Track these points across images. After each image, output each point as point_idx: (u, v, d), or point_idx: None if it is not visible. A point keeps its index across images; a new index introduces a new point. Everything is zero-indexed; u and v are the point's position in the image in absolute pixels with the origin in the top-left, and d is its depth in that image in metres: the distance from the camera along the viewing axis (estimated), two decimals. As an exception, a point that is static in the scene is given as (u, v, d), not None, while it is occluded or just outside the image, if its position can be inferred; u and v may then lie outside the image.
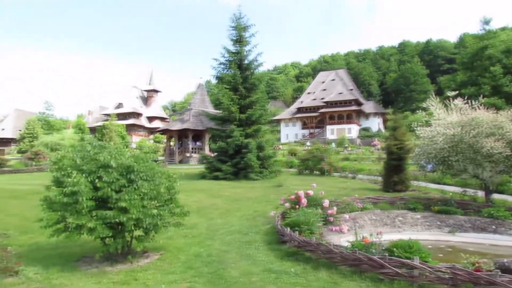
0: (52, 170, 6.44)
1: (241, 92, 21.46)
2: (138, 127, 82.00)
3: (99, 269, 6.38)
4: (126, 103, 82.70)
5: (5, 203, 13.97)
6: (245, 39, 22.14)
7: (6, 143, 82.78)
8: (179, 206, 7.17)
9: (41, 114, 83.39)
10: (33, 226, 9.92)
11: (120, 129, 63.16)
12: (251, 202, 13.20)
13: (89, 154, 6.44)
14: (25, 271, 5.98)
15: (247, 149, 19.74)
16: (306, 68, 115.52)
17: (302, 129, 72.48)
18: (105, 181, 5.98)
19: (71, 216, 5.87)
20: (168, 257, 7.10)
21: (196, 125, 32.99)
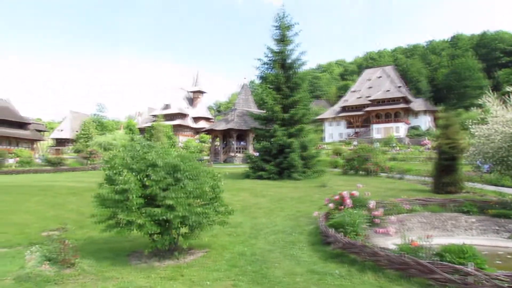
0: (105, 169, 6.80)
1: (284, 92, 21.40)
2: (184, 127, 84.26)
3: (147, 264, 6.63)
4: (173, 104, 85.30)
5: (63, 199, 14.92)
6: (288, 38, 22.05)
7: (64, 143, 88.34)
8: (224, 205, 7.30)
9: (95, 116, 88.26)
10: (88, 221, 10.51)
11: (167, 130, 65.32)
12: (294, 202, 13.13)
13: (139, 153, 6.73)
14: (80, 263, 6.34)
15: (290, 148, 19.65)
16: (351, 65, 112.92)
17: (347, 128, 70.98)
18: (153, 179, 6.23)
19: (122, 212, 6.17)
20: (213, 254, 7.24)
21: (240, 125, 33.37)
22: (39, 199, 15.48)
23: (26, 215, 11.93)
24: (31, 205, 13.91)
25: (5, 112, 69.12)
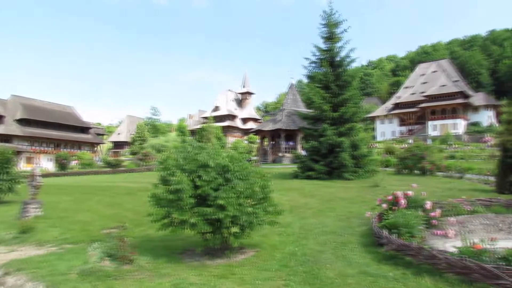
0: (159, 170, 7.09)
1: (333, 90, 21.03)
2: (233, 128, 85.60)
3: (200, 262, 6.81)
4: (222, 106, 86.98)
5: (121, 199, 15.75)
6: (337, 35, 21.64)
7: (121, 146, 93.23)
8: (273, 205, 7.31)
9: (149, 119, 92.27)
10: (144, 220, 11.03)
11: (217, 131, 66.73)
12: (345, 202, 12.85)
13: (190, 154, 6.94)
14: (138, 260, 6.65)
15: (340, 148, 19.27)
16: (403, 61, 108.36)
17: (400, 126, 68.24)
18: (204, 180, 6.39)
19: (176, 212, 6.39)
20: (263, 254, 7.27)
21: (288, 125, 33.30)
22: (99, 198, 16.48)
23: (88, 214, 12.73)
24: (92, 204, 14.83)
25: (69, 117, 74.43)
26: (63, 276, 6.05)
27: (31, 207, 11.69)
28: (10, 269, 6.58)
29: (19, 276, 6.23)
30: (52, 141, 69.26)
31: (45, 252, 7.83)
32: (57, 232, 9.74)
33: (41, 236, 9.26)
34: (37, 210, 11.78)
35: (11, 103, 66.60)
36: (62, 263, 6.83)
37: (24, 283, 5.97)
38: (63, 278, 5.91)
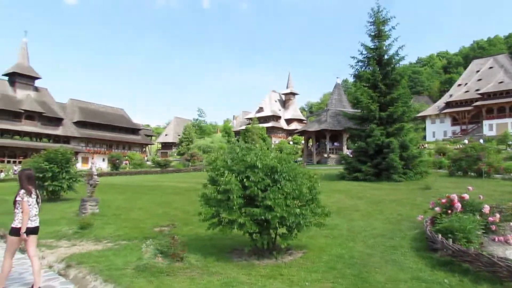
0: (208, 170, 7.28)
1: (381, 89, 20.44)
2: (277, 129, 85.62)
3: (248, 262, 6.90)
4: (267, 107, 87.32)
5: (170, 198, 16.31)
6: (385, 33, 21.01)
7: (169, 147, 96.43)
8: (321, 207, 7.26)
9: (195, 121, 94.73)
10: (192, 219, 11.35)
11: (261, 132, 67.10)
12: (394, 205, 12.45)
13: (238, 155, 7.05)
14: (188, 257, 6.86)
15: (388, 148, 18.68)
16: (455, 57, 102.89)
17: (452, 126, 64.90)
18: (252, 180, 6.47)
19: (224, 212, 6.53)
20: (311, 256, 7.23)
21: (333, 125, 32.81)
22: (149, 197, 17.16)
23: (140, 212, 13.31)
24: (143, 203, 15.48)
25: (121, 120, 78.14)
26: (120, 271, 6.37)
27: (89, 204, 12.42)
28: (72, 262, 7.04)
29: (80, 269, 6.65)
30: (105, 142, 73.08)
31: (103, 248, 8.27)
32: (112, 229, 10.26)
33: (98, 232, 9.80)
34: (94, 208, 12.49)
35: (70, 107, 71.08)
36: (118, 258, 7.19)
37: (85, 276, 6.36)
38: (120, 273, 6.22)
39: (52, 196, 16.57)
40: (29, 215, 5.86)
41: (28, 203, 5.90)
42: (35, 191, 6.12)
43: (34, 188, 6.14)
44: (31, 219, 5.93)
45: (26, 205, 5.84)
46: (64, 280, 6.47)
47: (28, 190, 5.97)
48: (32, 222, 5.96)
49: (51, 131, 62.98)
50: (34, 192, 6.09)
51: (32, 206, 5.96)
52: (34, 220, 5.99)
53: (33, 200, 6.00)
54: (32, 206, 5.98)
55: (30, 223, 5.92)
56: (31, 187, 6.04)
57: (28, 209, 5.83)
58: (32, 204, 5.98)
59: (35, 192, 6.12)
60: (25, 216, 5.82)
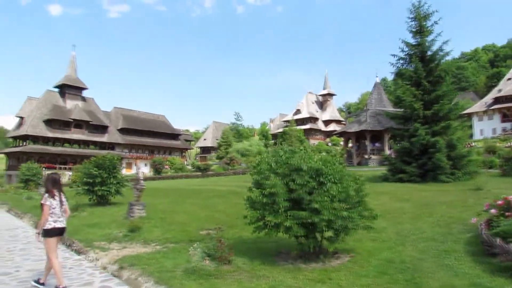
0: (252, 174, 7.31)
1: (425, 87, 19.70)
2: (315, 131, 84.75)
3: (294, 266, 6.85)
4: (304, 109, 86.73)
5: (213, 201, 16.55)
6: (427, 28, 20.27)
7: (208, 151, 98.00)
8: (368, 209, 7.09)
9: (232, 124, 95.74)
10: (236, 222, 11.45)
11: (299, 134, 66.68)
12: (443, 207, 11.91)
13: (282, 158, 7.04)
14: (235, 260, 6.92)
15: (434, 148, 17.96)
16: (503, 50, 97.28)
17: (502, 123, 61.34)
18: (298, 183, 6.43)
19: (270, 215, 6.53)
20: (359, 260, 7.06)
21: (374, 125, 32.02)
22: (192, 201, 17.51)
23: (184, 215, 13.60)
24: (187, 206, 15.82)
25: (162, 125, 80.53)
26: (170, 273, 6.53)
27: (136, 208, 12.86)
28: (124, 264, 7.31)
29: (132, 271, 6.89)
30: (147, 147, 75.55)
31: (152, 250, 8.53)
32: (159, 232, 10.56)
33: (146, 235, 10.12)
34: (141, 211, 12.92)
35: (114, 114, 74.22)
36: (167, 261, 7.37)
37: (137, 277, 6.57)
38: (170, 275, 6.38)
39: (101, 200, 17.32)
40: (55, 217, 6.27)
41: (52, 206, 6.26)
42: (59, 194, 6.43)
43: (59, 191, 6.46)
44: (58, 220, 6.31)
45: (47, 208, 6.20)
46: (118, 281, 6.73)
47: (51, 193, 6.32)
48: (59, 224, 6.33)
49: (98, 138, 66.05)
50: (58, 195, 6.41)
51: (56, 208, 6.31)
52: (59, 221, 6.35)
53: (57, 203, 6.33)
54: (56, 208, 6.32)
55: (59, 224, 6.33)
56: (54, 190, 6.37)
57: (47, 212, 6.19)
58: (57, 207, 6.33)
59: (59, 194, 6.42)
60: (43, 218, 6.20)
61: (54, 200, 6.32)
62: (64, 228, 6.51)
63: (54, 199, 6.33)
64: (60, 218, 6.37)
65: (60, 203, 6.41)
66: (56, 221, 6.30)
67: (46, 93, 64.31)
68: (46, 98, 63.36)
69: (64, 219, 6.47)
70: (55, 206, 6.31)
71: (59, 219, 6.33)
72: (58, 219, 6.32)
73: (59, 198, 6.40)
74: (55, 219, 6.28)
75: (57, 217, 6.31)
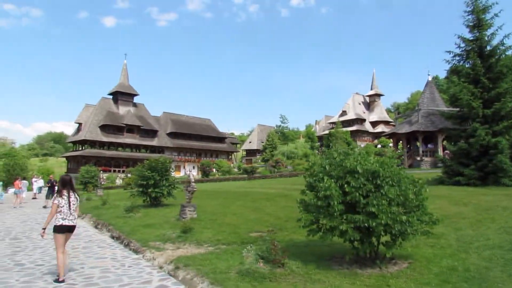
0: (306, 176, 7.23)
1: (484, 84, 18.49)
2: (362, 132, 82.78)
3: (349, 270, 6.67)
4: (350, 110, 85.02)
5: (261, 204, 16.59)
6: (486, 22, 19.00)
7: (253, 154, 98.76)
8: (428, 214, 6.76)
9: (278, 127, 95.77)
10: (286, 225, 11.39)
11: (346, 136, 65.38)
12: (508, 212, 11.08)
13: (336, 160, 6.90)
14: (288, 264, 6.86)
15: (496, 149, 16.79)
16: None
17: None
18: (353, 186, 6.26)
19: (324, 218, 6.41)
20: (418, 266, 6.74)
21: (426, 126, 30.63)
22: (241, 203, 17.66)
23: (234, 217, 13.74)
24: (236, 208, 15.97)
25: (208, 129, 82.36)
26: (224, 274, 6.61)
27: (188, 209, 13.19)
28: (179, 264, 7.50)
29: (187, 271, 7.05)
30: (195, 150, 77.60)
31: (205, 251, 8.68)
32: (211, 233, 10.74)
33: (198, 236, 10.33)
34: (192, 213, 13.23)
35: (163, 119, 77.04)
36: (221, 262, 7.47)
37: (193, 278, 6.72)
38: (224, 277, 6.45)
39: (154, 202, 17.96)
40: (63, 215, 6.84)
41: (60, 204, 6.85)
42: (68, 194, 6.99)
43: (68, 191, 7.02)
44: (66, 218, 6.87)
45: (54, 206, 6.83)
46: (175, 280, 6.91)
47: (60, 192, 6.93)
48: (67, 221, 6.88)
49: (148, 142, 68.93)
50: (67, 195, 6.96)
51: (64, 207, 6.86)
52: (68, 219, 6.89)
53: (65, 202, 6.89)
54: (64, 207, 6.87)
55: (68, 222, 6.87)
56: (64, 190, 6.95)
57: (54, 210, 6.82)
58: (65, 205, 6.88)
59: (68, 194, 6.98)
60: (49, 215, 6.86)
61: (62, 199, 6.89)
62: (72, 226, 7.01)
63: (62, 198, 6.90)
64: (69, 216, 6.92)
65: (69, 202, 6.94)
66: (65, 219, 6.85)
67: (101, 100, 68.28)
68: (101, 105, 67.22)
69: (73, 218, 7.00)
70: (63, 204, 6.87)
71: (68, 217, 6.88)
72: (67, 217, 6.87)
73: (67, 198, 6.95)
74: (63, 217, 6.84)
75: (65, 215, 6.86)
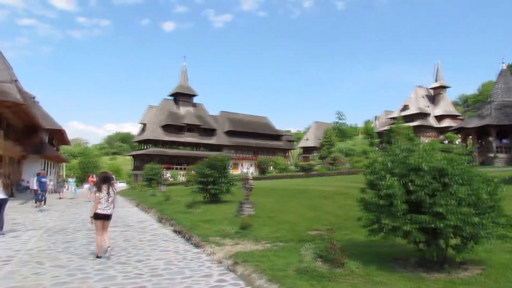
0: (366, 174, 6.96)
1: None
2: (426, 127, 78.57)
3: (414, 274, 6.31)
4: (412, 104, 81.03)
5: (319, 202, 16.35)
6: None
7: (310, 151, 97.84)
8: (504, 216, 6.18)
9: (335, 124, 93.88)
10: (345, 224, 11.11)
11: (408, 132, 62.40)
12: None
13: (398, 157, 6.56)
14: (348, 264, 6.65)
15: None
16: None
17: None
18: (417, 184, 5.90)
19: (387, 218, 6.11)
20: (493, 273, 6.19)
21: (500, 119, 28.24)
22: (298, 201, 17.54)
23: (291, 215, 13.69)
24: (294, 206, 15.89)
25: (265, 127, 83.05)
26: (282, 272, 6.57)
27: (245, 206, 13.36)
28: (238, 260, 7.60)
29: (246, 267, 7.12)
30: (251, 148, 78.66)
31: (262, 248, 8.71)
32: (268, 230, 10.78)
33: (256, 233, 10.40)
34: (250, 210, 13.38)
35: (220, 118, 79.08)
36: (278, 259, 7.45)
37: (251, 274, 6.76)
38: (283, 274, 6.42)
39: (214, 198, 18.46)
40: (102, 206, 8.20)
41: (100, 197, 8.23)
42: (106, 189, 8.33)
43: (107, 186, 8.38)
44: (103, 208, 8.22)
45: (97, 198, 8.26)
46: (234, 275, 7.01)
47: (98, 187, 8.41)
48: (103, 210, 8.24)
49: (207, 141, 71.16)
50: (106, 189, 8.32)
51: (102, 199, 8.23)
52: (104, 209, 8.25)
53: (104, 195, 8.26)
54: (103, 200, 8.23)
55: (102, 211, 8.22)
56: (103, 186, 8.35)
57: (97, 201, 8.22)
58: (103, 198, 8.25)
59: (106, 189, 8.33)
60: (93, 206, 8.28)
61: (101, 193, 8.27)
62: (108, 215, 8.37)
63: (101, 192, 8.28)
64: (107, 207, 8.30)
65: (108, 195, 8.31)
66: (103, 209, 8.22)
67: (163, 101, 71.81)
68: (162, 105, 70.70)
69: (110, 209, 8.39)
70: (102, 197, 8.25)
71: (105, 208, 8.26)
72: (105, 208, 8.25)
73: (106, 192, 8.31)
74: (101, 207, 8.21)
75: (103, 206, 8.23)
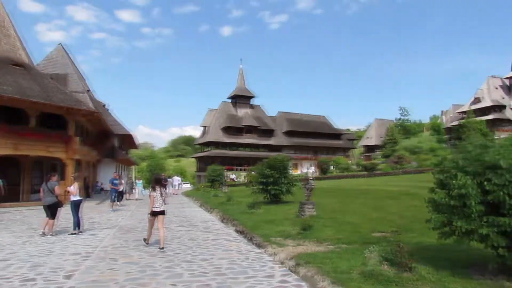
0: (435, 172, 6.53)
1: None
2: (502, 121, 72.34)
3: (494, 282, 5.79)
4: (485, 96, 75.07)
5: (384, 202, 15.72)
6: None
7: (372, 150, 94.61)
8: None
9: (398, 120, 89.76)
10: (412, 226, 10.56)
11: (480, 126, 58.00)
12: None
13: (471, 154, 6.07)
14: (417, 268, 6.29)
15: None
16: None
17: None
18: (495, 183, 5.41)
19: (459, 220, 5.67)
20: None
21: None
22: (361, 201, 17.01)
23: (354, 216, 13.30)
24: (356, 207, 15.43)
25: (324, 126, 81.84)
26: (346, 274, 6.39)
27: (307, 207, 13.22)
28: (300, 261, 7.53)
29: (308, 268, 7.03)
30: (311, 148, 77.87)
31: (325, 250, 8.55)
32: (331, 232, 10.56)
33: (318, 234, 10.23)
34: (311, 210, 13.21)
35: (279, 119, 79.33)
36: (342, 261, 7.25)
37: (313, 275, 6.66)
38: (347, 277, 6.24)
39: (274, 199, 18.51)
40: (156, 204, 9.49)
41: (154, 196, 9.48)
42: (159, 188, 9.57)
43: (160, 187, 9.62)
44: (157, 206, 9.48)
45: (152, 197, 9.52)
46: (296, 277, 6.96)
47: (153, 187, 9.66)
48: (157, 208, 9.51)
49: (265, 142, 71.73)
50: (159, 189, 9.55)
51: (156, 198, 9.50)
52: (158, 207, 9.52)
53: (157, 194, 9.49)
54: (157, 198, 9.51)
55: (156, 208, 9.49)
56: (156, 186, 9.57)
57: (153, 200, 9.51)
58: (157, 197, 9.50)
59: (159, 189, 9.57)
60: (150, 204, 9.59)
61: (155, 192, 9.50)
62: (160, 211, 9.55)
63: (155, 192, 9.50)
64: (159, 204, 9.51)
65: (160, 194, 9.54)
66: (156, 207, 9.50)
67: (222, 104, 73.73)
68: (222, 108, 72.60)
69: (161, 206, 9.57)
70: (155, 196, 9.49)
71: (158, 205, 9.51)
72: (158, 205, 9.50)
73: (159, 191, 9.54)
74: (155, 205, 9.50)
75: (157, 204, 9.50)
